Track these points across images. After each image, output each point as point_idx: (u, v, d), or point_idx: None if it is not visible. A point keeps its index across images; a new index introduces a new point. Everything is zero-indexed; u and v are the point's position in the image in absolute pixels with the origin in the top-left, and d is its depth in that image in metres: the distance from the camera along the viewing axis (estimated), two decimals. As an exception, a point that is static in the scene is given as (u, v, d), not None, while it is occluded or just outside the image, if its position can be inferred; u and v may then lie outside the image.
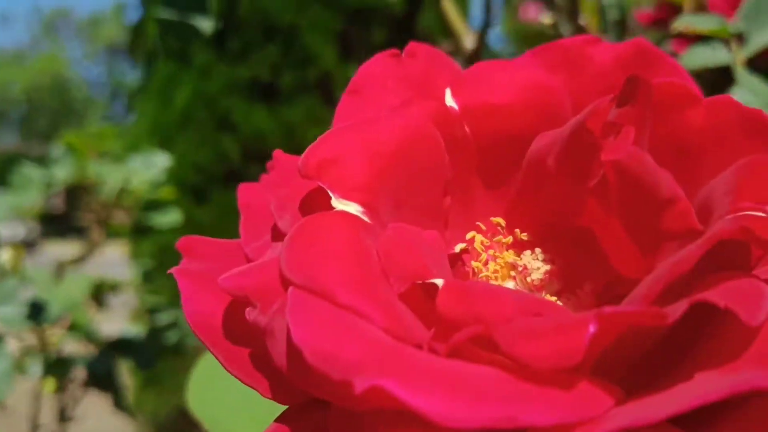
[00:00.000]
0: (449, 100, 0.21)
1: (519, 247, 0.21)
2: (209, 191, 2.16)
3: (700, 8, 0.49)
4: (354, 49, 2.19)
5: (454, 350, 0.14)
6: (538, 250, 0.20)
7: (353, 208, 0.17)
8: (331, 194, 0.18)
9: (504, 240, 0.21)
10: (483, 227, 0.21)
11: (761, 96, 0.40)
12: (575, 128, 0.18)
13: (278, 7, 2.18)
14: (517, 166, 0.21)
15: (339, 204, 0.17)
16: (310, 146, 0.18)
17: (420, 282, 0.16)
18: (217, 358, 0.18)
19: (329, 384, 0.14)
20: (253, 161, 2.16)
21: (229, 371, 0.18)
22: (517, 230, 0.21)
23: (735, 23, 0.42)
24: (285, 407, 0.24)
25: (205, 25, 0.52)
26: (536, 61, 0.22)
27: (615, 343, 0.14)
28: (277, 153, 0.21)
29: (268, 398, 0.17)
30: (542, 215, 0.20)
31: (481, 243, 0.20)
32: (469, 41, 0.49)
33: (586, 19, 0.47)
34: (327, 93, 2.17)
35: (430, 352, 0.14)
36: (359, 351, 0.13)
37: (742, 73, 0.42)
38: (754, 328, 0.13)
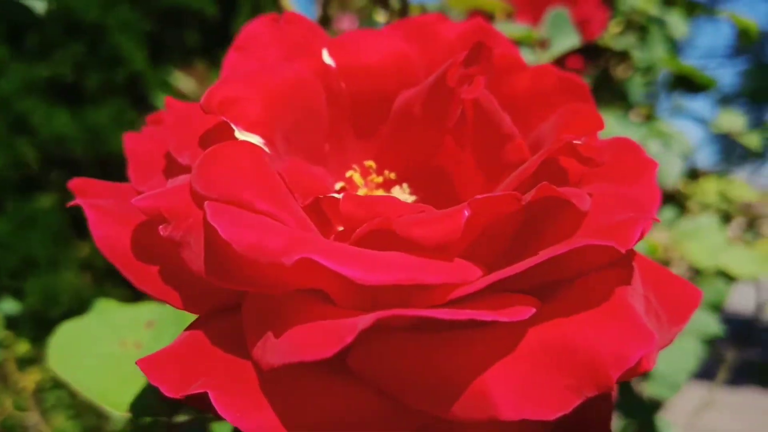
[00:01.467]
0: (327, 59, 0.24)
1: (388, 184, 0.24)
2: (4, 200, 1.97)
3: (510, 18, 0.57)
4: (166, 52, 2.13)
5: (356, 241, 0.17)
6: (405, 185, 0.24)
7: (255, 139, 0.20)
8: (234, 127, 0.20)
9: (376, 179, 0.24)
10: (357, 169, 0.24)
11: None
12: (437, 80, 0.22)
13: (82, 4, 2.05)
14: (382, 118, 0.25)
15: (242, 135, 0.20)
16: (210, 88, 0.21)
17: (321, 196, 0.19)
18: (126, 277, 0.19)
19: (258, 269, 0.16)
20: (53, 167, 2.00)
21: (139, 288, 0.19)
22: (386, 171, 0.24)
23: (539, 31, 0.50)
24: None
25: (38, 5, 0.50)
26: (396, 32, 0.25)
27: (481, 234, 0.18)
28: (169, 99, 0.22)
29: (178, 308, 0.19)
30: (407, 157, 0.24)
31: (358, 180, 0.24)
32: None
33: (414, 19, 0.52)
34: (136, 95, 2.08)
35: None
36: (283, 239, 0.16)
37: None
38: (581, 215, 0.18)
